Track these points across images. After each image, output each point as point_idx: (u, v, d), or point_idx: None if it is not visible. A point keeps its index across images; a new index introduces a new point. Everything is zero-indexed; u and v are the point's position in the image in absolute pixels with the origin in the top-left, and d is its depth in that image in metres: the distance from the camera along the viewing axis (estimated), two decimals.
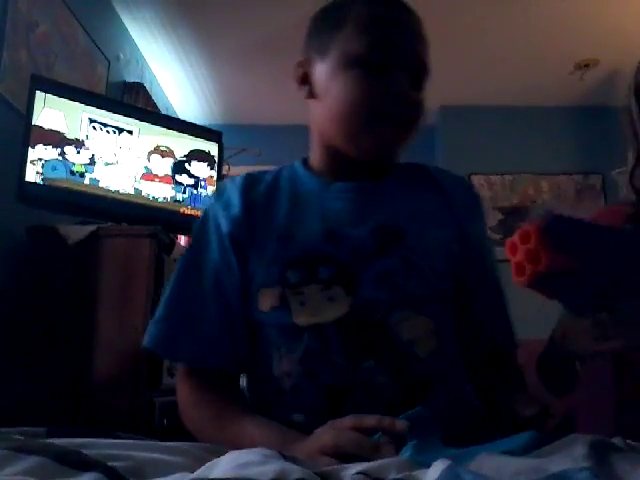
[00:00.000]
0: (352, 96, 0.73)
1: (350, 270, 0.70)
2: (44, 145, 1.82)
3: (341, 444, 0.54)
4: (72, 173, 1.89)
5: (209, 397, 0.73)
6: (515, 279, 0.63)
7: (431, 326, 0.71)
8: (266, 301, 0.72)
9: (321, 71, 0.77)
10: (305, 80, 0.80)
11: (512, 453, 0.51)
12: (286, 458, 0.48)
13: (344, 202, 0.76)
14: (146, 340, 0.75)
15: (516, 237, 0.62)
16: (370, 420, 0.56)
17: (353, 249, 0.71)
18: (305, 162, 0.85)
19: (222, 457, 0.47)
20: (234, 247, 0.75)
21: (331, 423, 0.59)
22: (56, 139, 1.86)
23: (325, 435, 0.57)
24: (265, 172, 0.83)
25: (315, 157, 0.83)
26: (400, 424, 0.54)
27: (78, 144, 1.92)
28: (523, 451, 0.52)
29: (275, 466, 0.43)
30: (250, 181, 0.81)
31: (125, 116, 2.05)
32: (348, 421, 0.57)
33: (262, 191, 0.79)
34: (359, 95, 0.73)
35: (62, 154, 1.87)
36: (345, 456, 0.53)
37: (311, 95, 0.80)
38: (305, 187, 0.79)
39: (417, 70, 0.75)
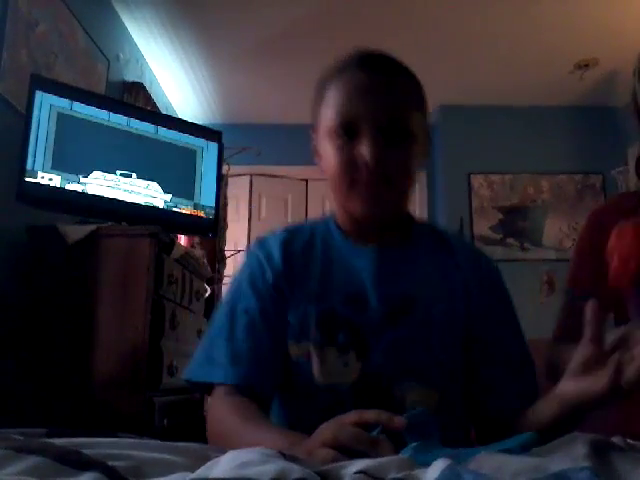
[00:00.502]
0: (332, 166, 0.80)
1: (364, 337, 0.78)
2: None
3: (340, 438, 0.55)
4: None
5: (242, 405, 0.76)
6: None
7: (434, 397, 0.76)
8: (293, 351, 0.81)
9: (317, 143, 0.86)
10: (317, 151, 0.88)
11: (510, 452, 0.51)
12: (286, 457, 0.48)
13: (367, 266, 0.83)
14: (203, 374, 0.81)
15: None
16: (370, 415, 0.57)
17: (368, 317, 0.79)
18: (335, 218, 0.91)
19: (222, 457, 0.47)
20: (278, 295, 0.83)
21: (335, 418, 0.60)
22: None
23: (327, 430, 0.59)
24: (302, 226, 0.92)
25: (338, 215, 0.89)
26: (398, 420, 0.56)
27: None
28: (521, 450, 0.52)
29: (275, 465, 0.43)
30: (289, 236, 0.88)
31: (125, 116, 2.05)
32: (350, 416, 0.58)
33: (299, 247, 0.87)
34: (336, 165, 0.79)
35: None
36: (345, 450, 0.54)
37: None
38: (336, 248, 0.87)
39: (392, 130, 0.77)
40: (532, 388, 0.82)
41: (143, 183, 2.06)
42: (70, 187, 1.87)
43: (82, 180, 1.90)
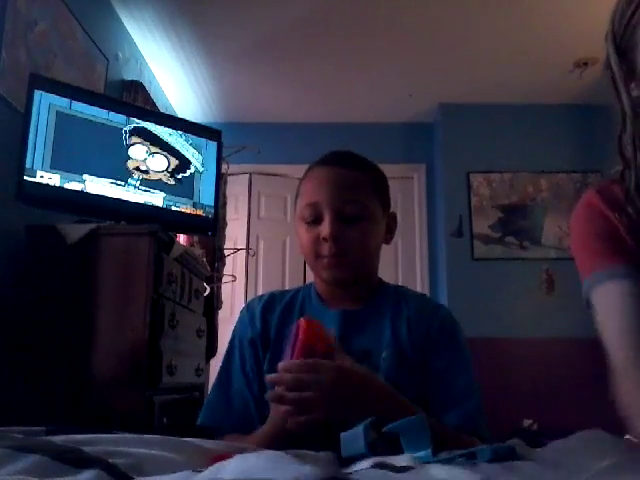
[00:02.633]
0: (302, 244, 1.03)
1: None
2: None
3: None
4: None
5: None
6: None
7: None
8: None
9: (296, 228, 1.07)
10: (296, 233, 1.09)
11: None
12: (295, 458, 0.48)
13: (334, 327, 0.99)
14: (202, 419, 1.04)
15: None
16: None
17: None
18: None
19: (229, 460, 0.47)
20: (254, 350, 1.03)
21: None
22: None
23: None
24: (285, 292, 1.11)
25: (316, 282, 1.09)
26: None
27: None
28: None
29: (289, 470, 0.43)
30: (270, 301, 1.08)
31: (124, 115, 2.05)
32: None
33: (279, 311, 1.06)
34: (304, 243, 1.02)
35: None
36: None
37: None
38: (310, 311, 1.05)
39: (347, 214, 0.98)
40: (470, 421, 0.94)
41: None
42: (69, 186, 1.87)
43: (81, 179, 1.90)
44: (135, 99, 2.95)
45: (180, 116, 3.72)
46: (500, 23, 3.09)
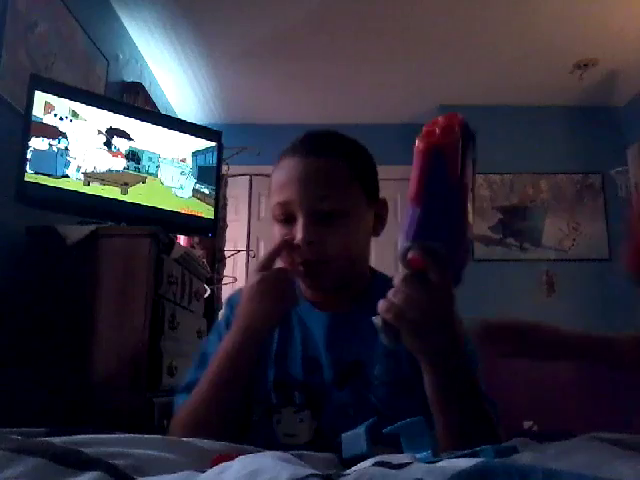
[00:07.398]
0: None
1: (317, 398, 0.85)
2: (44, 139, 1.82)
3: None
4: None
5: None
6: None
7: (386, 451, 0.70)
8: (255, 412, 0.87)
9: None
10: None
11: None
12: (300, 459, 0.48)
13: (320, 332, 0.89)
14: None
15: None
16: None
17: (321, 379, 0.86)
18: None
19: (232, 461, 0.47)
20: None
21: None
22: (55, 134, 1.85)
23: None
24: None
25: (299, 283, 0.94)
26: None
27: None
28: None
29: (289, 471, 0.43)
30: None
31: (124, 116, 2.05)
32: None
33: None
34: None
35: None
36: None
37: None
38: (296, 313, 0.91)
39: (323, 211, 0.83)
40: None
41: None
42: (69, 187, 1.87)
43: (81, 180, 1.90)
44: (135, 100, 2.95)
45: (180, 117, 3.72)
46: (500, 25, 3.09)
